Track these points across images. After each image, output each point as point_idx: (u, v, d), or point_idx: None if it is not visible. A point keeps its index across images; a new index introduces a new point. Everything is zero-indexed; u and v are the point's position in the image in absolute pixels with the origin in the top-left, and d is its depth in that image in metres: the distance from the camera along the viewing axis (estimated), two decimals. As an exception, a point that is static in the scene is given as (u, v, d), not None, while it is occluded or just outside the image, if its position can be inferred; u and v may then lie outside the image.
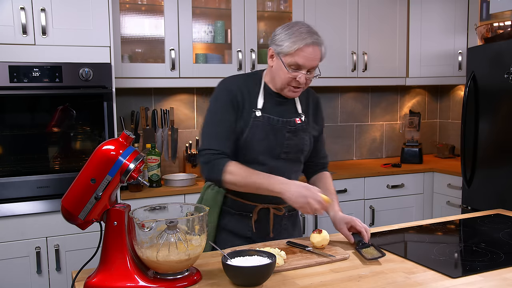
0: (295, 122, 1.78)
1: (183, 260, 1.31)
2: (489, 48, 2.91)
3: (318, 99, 1.93)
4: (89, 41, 2.56)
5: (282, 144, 1.75)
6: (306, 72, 1.67)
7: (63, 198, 1.36)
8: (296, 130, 1.77)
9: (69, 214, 1.35)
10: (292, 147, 1.77)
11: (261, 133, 1.72)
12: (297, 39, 1.63)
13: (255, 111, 1.73)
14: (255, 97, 1.75)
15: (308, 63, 1.66)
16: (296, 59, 1.64)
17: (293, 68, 1.67)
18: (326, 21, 3.41)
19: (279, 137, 1.75)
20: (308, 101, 1.87)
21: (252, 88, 1.77)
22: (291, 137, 1.77)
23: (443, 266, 1.48)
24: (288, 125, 1.76)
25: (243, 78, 1.82)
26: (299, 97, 1.82)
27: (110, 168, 1.32)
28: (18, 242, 2.47)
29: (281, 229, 1.85)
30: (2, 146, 2.50)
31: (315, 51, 1.65)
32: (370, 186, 3.36)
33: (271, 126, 1.74)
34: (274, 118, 1.74)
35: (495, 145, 2.87)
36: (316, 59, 1.67)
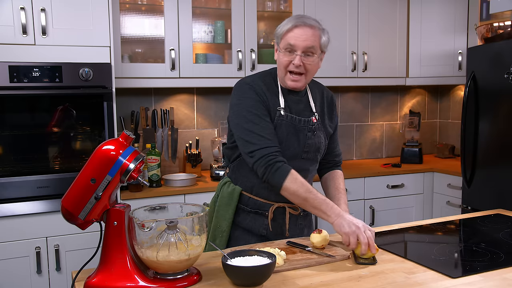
0: (312, 121, 1.78)
1: (183, 260, 1.31)
2: (489, 48, 2.91)
3: (332, 97, 1.93)
4: (89, 41, 2.56)
5: (304, 144, 1.76)
6: (302, 54, 1.67)
7: (63, 198, 1.36)
8: (314, 129, 1.78)
9: (69, 214, 1.35)
10: (311, 146, 1.77)
11: (284, 132, 1.72)
12: (287, 22, 1.70)
13: (279, 110, 1.73)
14: (276, 95, 1.75)
15: (299, 43, 1.66)
16: (288, 40, 1.67)
17: (288, 50, 1.68)
18: (326, 21, 3.35)
19: (301, 137, 1.75)
20: (323, 99, 1.87)
21: (271, 86, 1.77)
22: (311, 137, 1.77)
23: (443, 266, 1.48)
24: (309, 125, 1.76)
25: (260, 76, 1.80)
26: (313, 95, 1.83)
27: (110, 168, 1.32)
28: (18, 242, 2.47)
29: (296, 228, 1.85)
30: (2, 146, 2.50)
31: (305, 32, 1.66)
32: (370, 186, 3.36)
33: (294, 126, 1.74)
34: (297, 118, 1.75)
35: (495, 145, 2.87)
36: (308, 39, 1.67)
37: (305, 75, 1.72)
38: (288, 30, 1.68)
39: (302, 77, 1.72)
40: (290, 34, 1.67)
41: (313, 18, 1.72)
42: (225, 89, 3.35)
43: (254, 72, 3.16)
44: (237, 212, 1.82)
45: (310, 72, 1.73)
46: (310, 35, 1.67)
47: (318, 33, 1.69)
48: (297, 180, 1.62)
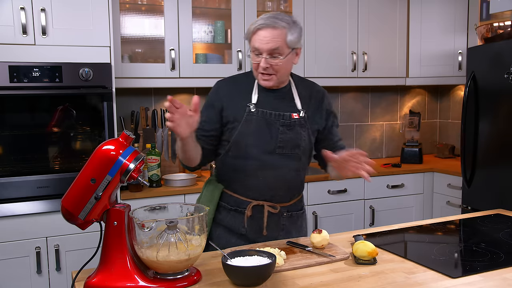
0: (290, 116, 1.76)
1: (183, 260, 1.31)
2: (489, 48, 2.91)
3: (323, 94, 1.90)
4: (89, 41, 2.56)
5: (276, 138, 1.75)
6: (268, 56, 1.67)
7: (63, 198, 1.36)
8: (291, 125, 1.76)
9: (69, 214, 1.35)
10: (286, 141, 1.75)
11: (254, 127, 1.73)
12: (251, 24, 1.70)
13: (249, 106, 1.74)
14: (249, 92, 1.77)
15: (263, 46, 1.66)
16: (253, 43, 1.69)
17: (255, 53, 1.69)
18: (326, 21, 3.41)
19: (273, 131, 1.74)
20: (311, 96, 1.86)
21: (246, 84, 1.79)
22: (285, 131, 1.75)
23: (443, 266, 1.48)
24: (282, 119, 1.75)
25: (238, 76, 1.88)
26: (299, 92, 1.82)
27: (110, 168, 1.32)
28: (18, 242, 2.47)
29: (277, 229, 1.83)
30: (2, 146, 2.50)
31: (269, 34, 1.65)
32: (370, 186, 3.36)
33: (265, 120, 1.74)
34: (268, 112, 1.74)
35: (495, 145, 2.87)
36: (272, 41, 1.65)
37: (276, 75, 1.72)
38: (253, 33, 1.68)
39: (272, 77, 1.72)
40: (255, 37, 1.68)
41: (282, 16, 1.70)
42: (225, 89, 3.35)
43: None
44: (219, 210, 1.83)
45: (280, 72, 1.72)
46: (274, 37, 1.65)
47: (283, 33, 1.67)
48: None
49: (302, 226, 1.94)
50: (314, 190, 3.18)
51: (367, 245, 1.51)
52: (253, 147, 1.73)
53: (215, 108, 1.79)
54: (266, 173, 1.75)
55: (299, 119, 1.78)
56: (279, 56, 1.68)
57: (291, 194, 1.85)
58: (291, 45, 1.70)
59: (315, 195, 3.18)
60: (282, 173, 1.74)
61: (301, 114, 1.79)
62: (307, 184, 3.14)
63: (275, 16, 1.69)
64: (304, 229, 1.96)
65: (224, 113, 1.78)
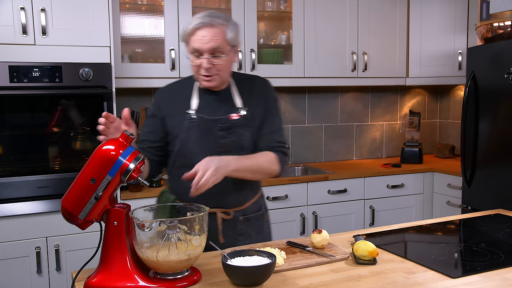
0: (228, 119, 1.70)
1: (183, 260, 1.31)
2: (489, 48, 2.91)
3: (264, 85, 1.81)
4: (89, 41, 2.56)
5: (217, 144, 1.70)
6: (210, 56, 1.62)
7: (63, 198, 1.36)
8: (230, 127, 1.70)
9: (69, 214, 1.35)
10: (229, 145, 1.69)
11: (196, 134, 1.69)
12: (188, 25, 1.63)
13: (189, 113, 1.70)
14: (188, 98, 1.73)
15: (204, 46, 1.60)
16: (192, 44, 1.63)
17: (195, 55, 1.63)
18: (326, 21, 3.41)
19: (213, 136, 1.70)
20: (252, 92, 1.78)
21: (184, 91, 1.75)
22: (226, 135, 1.70)
23: (443, 266, 1.48)
24: (220, 123, 1.70)
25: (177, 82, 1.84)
26: (239, 89, 1.76)
27: (110, 168, 1.32)
28: (18, 242, 2.47)
29: (234, 234, 1.77)
30: (2, 146, 2.50)
31: (208, 33, 1.60)
32: (370, 186, 3.36)
33: (205, 126, 1.69)
34: (205, 118, 1.69)
35: (495, 145, 2.87)
36: (212, 40, 1.60)
37: (219, 75, 1.67)
38: (191, 33, 1.62)
39: (215, 77, 1.67)
40: (194, 38, 1.62)
41: (217, 14, 1.65)
42: (225, 89, 3.35)
43: (254, 72, 3.19)
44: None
45: (223, 71, 1.68)
46: (214, 35, 1.60)
47: (222, 31, 1.62)
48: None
49: (263, 228, 1.88)
50: (314, 190, 3.18)
51: (368, 244, 1.51)
52: (198, 155, 1.63)
53: (158, 118, 1.76)
54: None
55: (240, 119, 1.71)
56: (221, 55, 1.64)
57: (243, 197, 1.79)
58: (231, 43, 1.66)
59: (315, 195, 3.18)
60: (230, 179, 1.61)
61: (241, 113, 1.72)
62: (307, 184, 3.15)
63: (210, 14, 1.63)
64: (266, 230, 1.90)
65: (166, 122, 1.74)
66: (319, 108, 3.83)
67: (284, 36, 3.46)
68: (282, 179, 3.10)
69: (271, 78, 3.23)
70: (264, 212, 1.91)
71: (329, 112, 3.87)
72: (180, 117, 1.71)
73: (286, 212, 3.09)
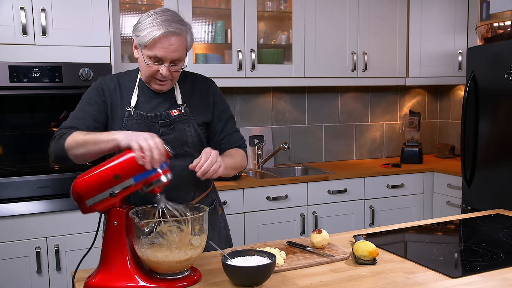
0: (169, 114, 1.68)
1: (183, 260, 1.31)
2: (489, 48, 2.91)
3: (208, 85, 1.80)
4: (89, 41, 2.56)
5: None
6: (169, 64, 1.59)
7: (79, 178, 1.34)
8: (171, 123, 1.68)
9: (78, 196, 1.33)
10: (171, 142, 1.64)
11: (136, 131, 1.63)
12: (153, 29, 1.54)
13: (128, 110, 1.67)
14: (129, 94, 1.69)
15: (168, 55, 1.56)
16: (155, 52, 1.56)
17: (153, 60, 1.58)
18: (326, 21, 3.41)
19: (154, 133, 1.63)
20: (194, 88, 1.77)
21: (127, 85, 1.71)
22: (167, 132, 1.67)
23: (443, 266, 1.48)
24: (160, 119, 1.67)
25: (117, 76, 1.74)
26: (180, 86, 1.74)
27: (137, 174, 1.32)
28: (18, 242, 2.47)
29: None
30: (2, 146, 2.50)
31: (173, 42, 1.56)
32: (370, 186, 3.36)
33: (145, 123, 1.66)
34: (144, 115, 1.67)
35: (495, 145, 2.87)
36: (178, 50, 1.57)
37: (172, 80, 1.66)
38: (155, 40, 1.54)
39: (168, 82, 1.65)
40: (158, 45, 1.55)
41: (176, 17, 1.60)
42: (225, 89, 3.35)
43: (254, 72, 3.20)
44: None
45: (177, 77, 1.67)
46: (178, 45, 1.57)
47: (184, 38, 1.60)
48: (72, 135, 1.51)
49: (217, 222, 1.86)
50: (314, 190, 3.18)
51: (368, 244, 1.51)
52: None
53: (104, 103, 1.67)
54: None
55: (180, 115, 1.69)
56: (180, 63, 1.62)
57: (193, 192, 1.77)
58: (188, 49, 1.65)
59: (315, 195, 3.18)
60: (177, 174, 1.54)
61: (181, 109, 1.70)
62: (307, 184, 3.14)
63: (170, 19, 1.57)
64: (221, 224, 1.88)
65: (108, 113, 1.68)
66: (319, 108, 3.83)
67: (284, 36, 3.46)
68: (282, 179, 3.10)
69: (271, 78, 3.28)
70: (216, 206, 1.89)
71: (329, 112, 3.87)
72: (119, 113, 1.67)
73: (286, 212, 3.09)
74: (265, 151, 3.58)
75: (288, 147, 3.58)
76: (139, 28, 1.59)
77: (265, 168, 3.52)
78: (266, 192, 3.02)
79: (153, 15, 1.59)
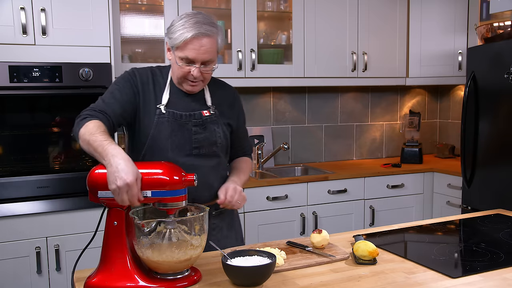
0: (201, 114, 1.71)
1: (183, 260, 1.31)
2: (489, 48, 2.91)
3: (234, 94, 1.86)
4: (89, 41, 2.56)
5: (191, 140, 1.69)
6: (201, 65, 1.61)
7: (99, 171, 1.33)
8: (204, 123, 1.71)
9: (93, 186, 1.33)
10: (202, 141, 1.69)
11: (167, 129, 1.67)
12: (185, 31, 1.57)
13: (159, 108, 1.68)
14: (161, 91, 1.71)
15: (199, 57, 1.59)
16: (186, 53, 1.59)
17: (185, 62, 1.61)
18: (326, 21, 3.41)
19: (186, 132, 1.69)
20: (222, 94, 1.81)
21: (160, 81, 1.72)
22: (199, 131, 1.70)
23: (443, 266, 1.48)
24: (194, 119, 1.69)
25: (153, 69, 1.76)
26: (210, 89, 1.77)
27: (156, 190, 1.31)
28: (18, 242, 2.47)
29: (209, 229, 1.74)
30: (2, 146, 2.50)
31: (204, 43, 1.58)
32: (370, 186, 3.36)
33: (177, 122, 1.68)
34: (178, 113, 1.68)
35: (495, 145, 2.87)
36: (208, 51, 1.60)
37: (204, 81, 1.68)
38: (187, 41, 1.57)
39: (200, 83, 1.67)
40: (190, 46, 1.58)
41: (208, 19, 1.62)
42: (225, 89, 3.35)
43: (254, 72, 3.20)
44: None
45: (208, 78, 1.69)
46: (209, 47, 1.60)
47: (215, 40, 1.62)
48: (89, 125, 1.47)
49: (233, 221, 1.90)
50: (314, 190, 3.18)
51: (368, 244, 1.51)
52: (169, 151, 1.66)
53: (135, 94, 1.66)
54: None
55: (211, 115, 1.73)
56: (211, 65, 1.64)
57: (215, 193, 1.77)
58: (219, 50, 1.67)
59: (315, 195, 3.18)
60: (202, 174, 1.64)
61: (212, 110, 1.74)
62: (307, 184, 3.15)
63: (201, 21, 1.59)
64: (236, 223, 1.92)
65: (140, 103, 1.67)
66: (319, 108, 3.83)
67: (284, 36, 3.46)
68: (282, 179, 3.10)
69: (271, 78, 3.29)
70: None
71: (329, 112, 3.87)
72: (151, 109, 1.68)
73: (286, 212, 3.09)
74: (265, 151, 3.58)
75: (288, 147, 3.59)
76: (171, 30, 1.62)
77: (265, 168, 3.52)
78: (266, 192, 3.02)
79: (184, 17, 1.61)
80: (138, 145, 1.70)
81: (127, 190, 1.26)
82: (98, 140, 1.38)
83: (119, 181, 1.25)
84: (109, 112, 1.58)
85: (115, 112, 1.60)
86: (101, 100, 1.63)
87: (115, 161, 1.28)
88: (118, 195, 1.26)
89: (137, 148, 1.71)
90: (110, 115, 1.58)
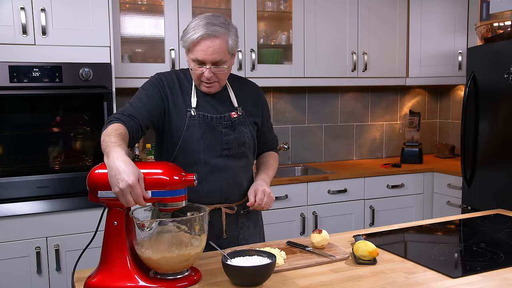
0: (230, 116, 1.74)
1: (183, 260, 1.31)
2: (489, 48, 2.91)
3: (257, 90, 1.89)
4: (89, 41, 2.56)
5: (221, 141, 1.72)
6: (212, 66, 1.63)
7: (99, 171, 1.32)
8: (233, 125, 1.74)
9: (93, 185, 1.32)
10: (231, 142, 1.74)
11: (199, 132, 1.69)
12: (193, 33, 1.60)
13: (190, 111, 1.70)
14: (188, 94, 1.73)
15: (208, 57, 1.61)
16: (196, 55, 1.61)
17: (196, 63, 1.64)
18: (326, 21, 3.41)
19: (217, 133, 1.72)
20: (246, 92, 1.84)
21: (186, 85, 1.75)
22: (229, 132, 1.73)
23: (443, 266, 1.48)
24: (224, 121, 1.73)
25: (176, 73, 1.78)
26: (234, 90, 1.80)
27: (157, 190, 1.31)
28: (18, 242, 2.47)
29: (236, 228, 1.81)
30: (2, 146, 2.50)
31: (212, 44, 1.59)
32: (370, 186, 3.36)
33: (208, 124, 1.71)
34: (208, 116, 1.71)
35: (495, 145, 2.87)
36: (216, 52, 1.61)
37: (219, 82, 1.70)
38: (195, 43, 1.60)
39: (215, 84, 1.69)
40: (197, 48, 1.60)
41: (218, 20, 1.63)
42: (225, 89, 3.35)
43: (254, 72, 3.19)
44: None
45: (223, 79, 1.71)
46: (218, 47, 1.61)
47: (225, 41, 1.62)
48: (109, 128, 1.46)
49: (258, 219, 1.93)
50: (314, 190, 3.18)
51: (368, 244, 1.51)
52: (201, 153, 1.70)
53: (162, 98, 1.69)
54: (217, 177, 1.72)
55: (238, 117, 1.76)
56: (222, 65, 1.65)
57: (244, 192, 1.81)
58: (231, 51, 1.67)
59: (315, 195, 3.18)
60: (232, 174, 1.72)
61: (239, 111, 1.77)
62: (307, 184, 3.15)
63: (211, 22, 1.61)
64: (260, 221, 1.95)
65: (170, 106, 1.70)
66: (319, 108, 3.83)
67: (284, 36, 3.46)
68: (282, 179, 3.10)
69: (271, 78, 3.29)
70: None
71: (329, 112, 3.87)
72: (181, 113, 1.71)
73: (286, 212, 3.09)
74: (265, 151, 3.58)
75: (288, 147, 3.58)
76: (184, 33, 1.65)
77: (265, 168, 3.52)
78: (266, 192, 3.02)
79: (196, 19, 1.64)
80: (169, 147, 1.73)
81: (130, 191, 1.25)
82: (108, 142, 1.38)
83: (121, 183, 1.24)
84: (137, 116, 1.60)
85: (142, 115, 1.62)
86: (129, 105, 1.66)
87: (116, 163, 1.27)
88: (123, 197, 1.25)
89: (167, 150, 1.74)
90: (138, 118, 1.60)
